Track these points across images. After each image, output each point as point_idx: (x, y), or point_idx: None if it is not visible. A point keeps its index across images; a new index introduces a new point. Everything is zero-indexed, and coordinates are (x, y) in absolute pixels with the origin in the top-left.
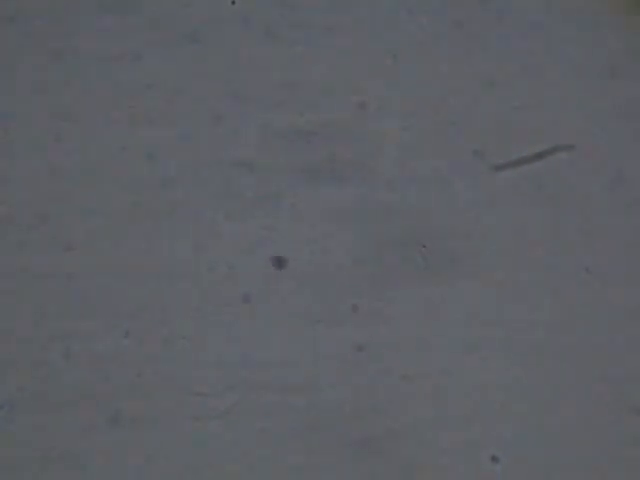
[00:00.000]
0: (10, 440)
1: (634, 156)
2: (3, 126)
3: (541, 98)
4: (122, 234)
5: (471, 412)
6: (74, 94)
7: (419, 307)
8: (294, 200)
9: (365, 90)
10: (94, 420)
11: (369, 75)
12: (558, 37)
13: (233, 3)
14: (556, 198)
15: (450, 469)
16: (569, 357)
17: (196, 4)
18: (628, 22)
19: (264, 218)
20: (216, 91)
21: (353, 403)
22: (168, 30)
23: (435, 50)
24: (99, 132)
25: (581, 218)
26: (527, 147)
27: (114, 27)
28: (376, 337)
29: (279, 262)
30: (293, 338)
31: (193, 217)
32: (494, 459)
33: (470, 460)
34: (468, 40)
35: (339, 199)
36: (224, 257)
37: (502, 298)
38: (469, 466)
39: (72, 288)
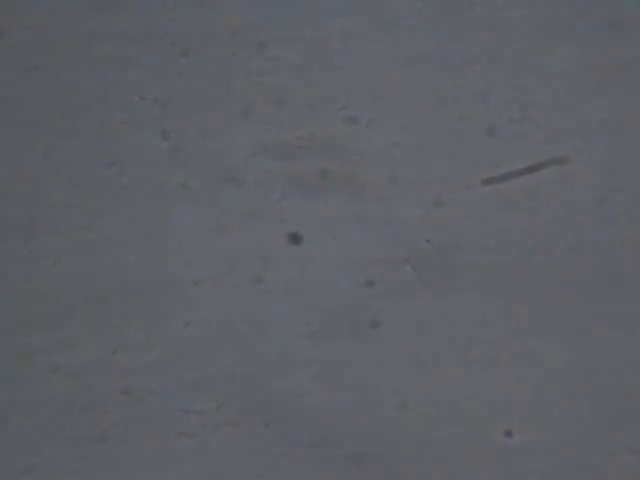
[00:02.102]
0: None
1: (623, 170)
2: None
3: (533, 112)
4: (111, 248)
5: (469, 429)
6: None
7: (411, 319)
8: (284, 214)
9: (355, 105)
10: (80, 435)
11: (360, 91)
12: (547, 52)
13: None
14: (546, 210)
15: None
16: (567, 372)
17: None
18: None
19: (254, 232)
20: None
21: (342, 419)
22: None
23: (426, 65)
24: (87, 140)
25: (571, 230)
26: (518, 160)
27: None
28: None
29: (268, 275)
30: (285, 354)
31: (183, 232)
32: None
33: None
34: (458, 54)
35: (330, 213)
36: (212, 272)
37: (490, 310)
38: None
39: (60, 302)
